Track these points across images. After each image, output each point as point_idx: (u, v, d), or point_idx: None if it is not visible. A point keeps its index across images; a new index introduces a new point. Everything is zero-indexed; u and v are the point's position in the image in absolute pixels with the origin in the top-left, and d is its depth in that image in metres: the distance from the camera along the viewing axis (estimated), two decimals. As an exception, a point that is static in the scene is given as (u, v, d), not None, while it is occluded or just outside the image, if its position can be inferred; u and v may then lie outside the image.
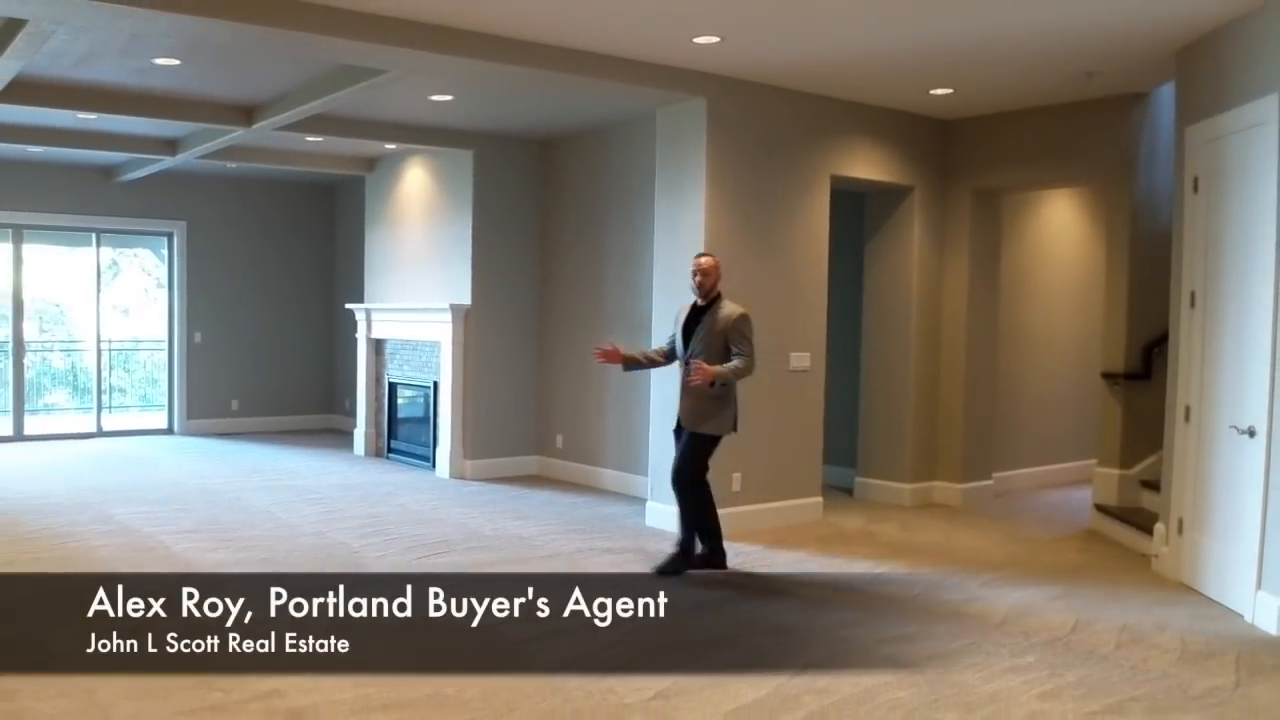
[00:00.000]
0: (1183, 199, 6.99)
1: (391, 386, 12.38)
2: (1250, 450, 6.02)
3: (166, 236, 14.29)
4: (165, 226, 14.18)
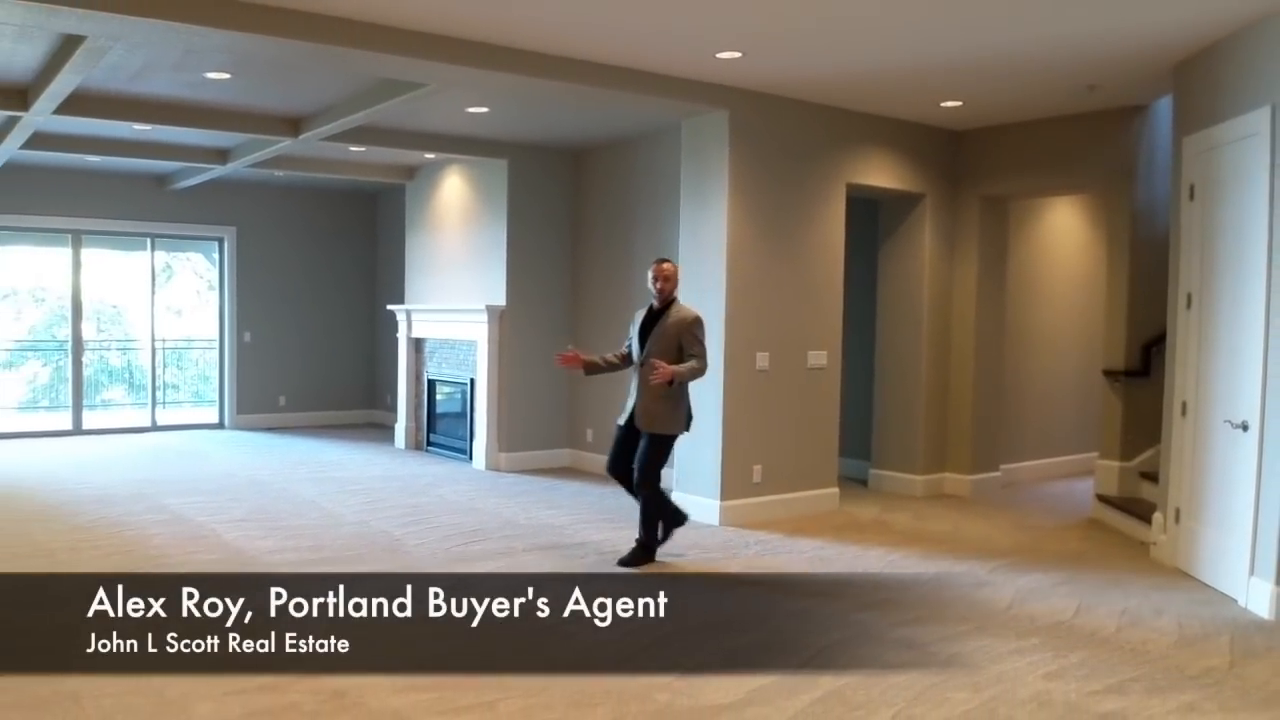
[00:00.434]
0: (1179, 206, 7.00)
1: (430, 383, 12.38)
2: (1244, 443, 6.04)
3: (217, 241, 14.34)
4: (216, 232, 14.24)
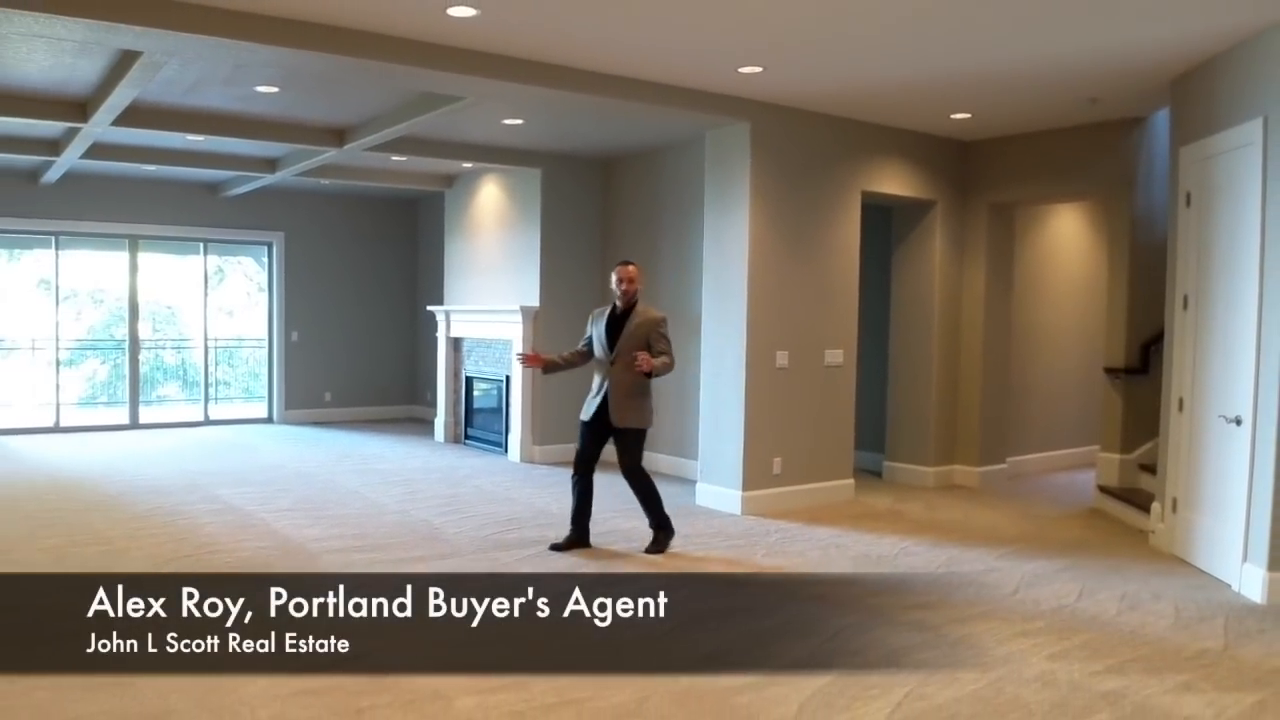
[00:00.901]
0: (1177, 212, 7.00)
1: (468, 380, 12.38)
2: (1237, 437, 6.06)
3: (267, 246, 14.39)
4: (265, 237, 14.30)
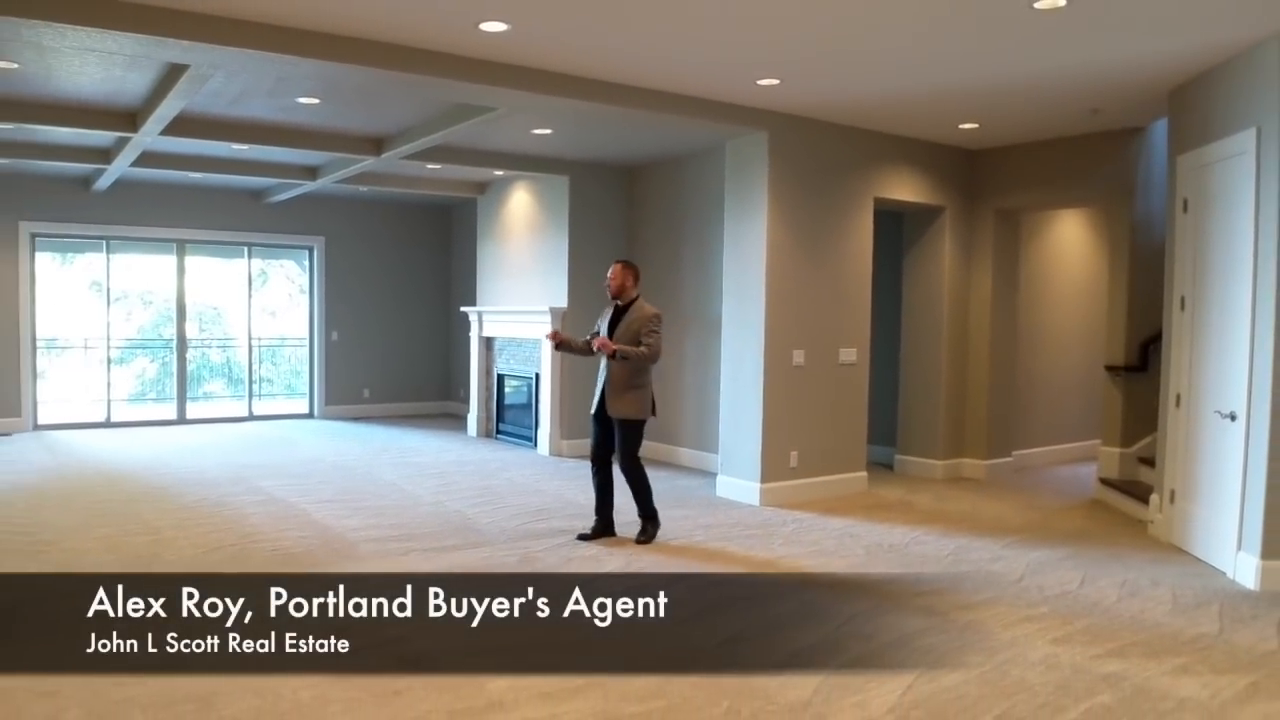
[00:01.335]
0: (1174, 218, 6.99)
1: (500, 377, 12.39)
2: (1232, 431, 6.09)
3: (308, 250, 14.46)
4: (307, 241, 14.36)
